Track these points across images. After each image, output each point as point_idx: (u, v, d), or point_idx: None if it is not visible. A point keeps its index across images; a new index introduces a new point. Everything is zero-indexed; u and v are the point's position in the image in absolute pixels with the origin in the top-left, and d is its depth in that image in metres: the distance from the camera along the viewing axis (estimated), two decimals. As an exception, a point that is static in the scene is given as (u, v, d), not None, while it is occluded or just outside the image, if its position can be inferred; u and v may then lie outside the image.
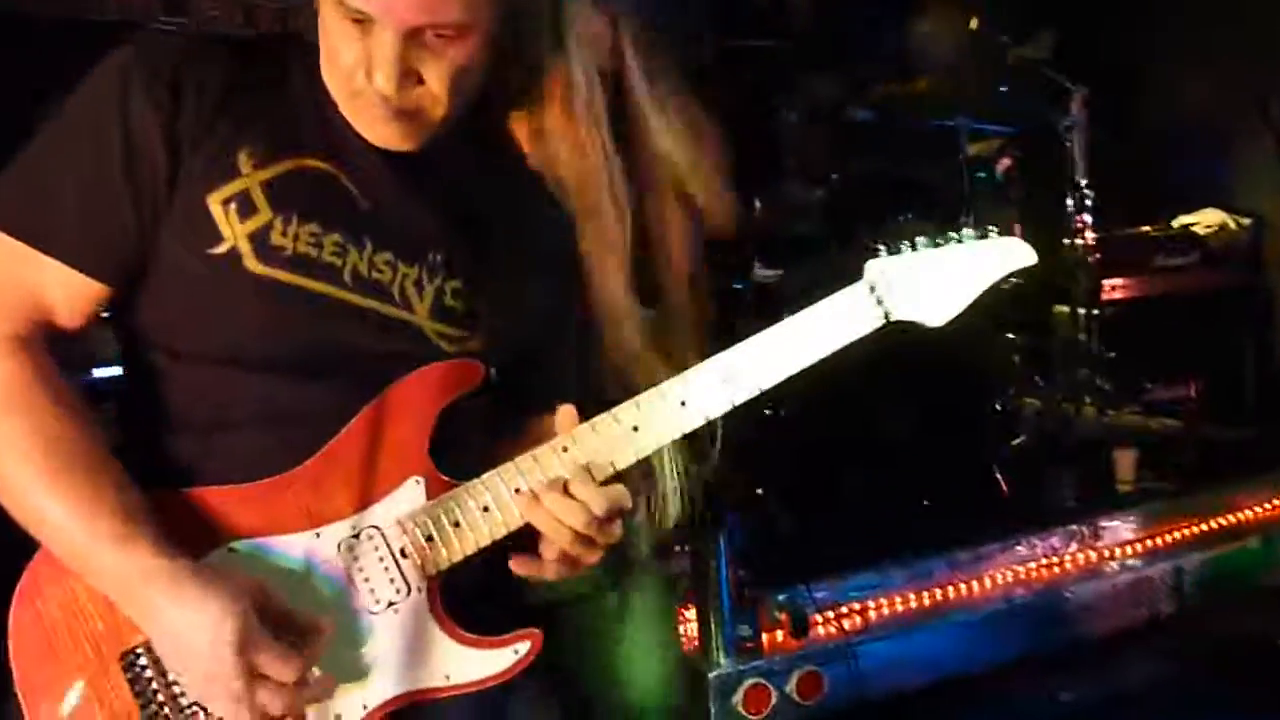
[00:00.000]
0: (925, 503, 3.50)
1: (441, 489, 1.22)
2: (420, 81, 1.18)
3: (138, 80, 1.18)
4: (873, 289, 1.23)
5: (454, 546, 1.21)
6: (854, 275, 1.26)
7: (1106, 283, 4.45)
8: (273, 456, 1.20)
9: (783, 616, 2.85)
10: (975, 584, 3.17)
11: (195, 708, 1.16)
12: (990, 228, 1.29)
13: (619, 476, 1.23)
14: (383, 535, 1.21)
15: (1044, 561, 3.28)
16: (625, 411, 1.22)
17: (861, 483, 3.55)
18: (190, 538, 1.16)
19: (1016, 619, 3.09)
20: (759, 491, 3.41)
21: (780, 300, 4.07)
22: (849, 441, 3.63)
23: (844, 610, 2.97)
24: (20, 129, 1.22)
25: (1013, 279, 1.28)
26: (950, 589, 3.13)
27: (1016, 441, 4.06)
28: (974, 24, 4.17)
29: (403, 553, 1.21)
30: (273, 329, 1.20)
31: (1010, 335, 4.38)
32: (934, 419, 3.73)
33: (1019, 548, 3.29)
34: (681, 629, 2.81)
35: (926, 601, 3.10)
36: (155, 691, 1.16)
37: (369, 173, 1.25)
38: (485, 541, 1.22)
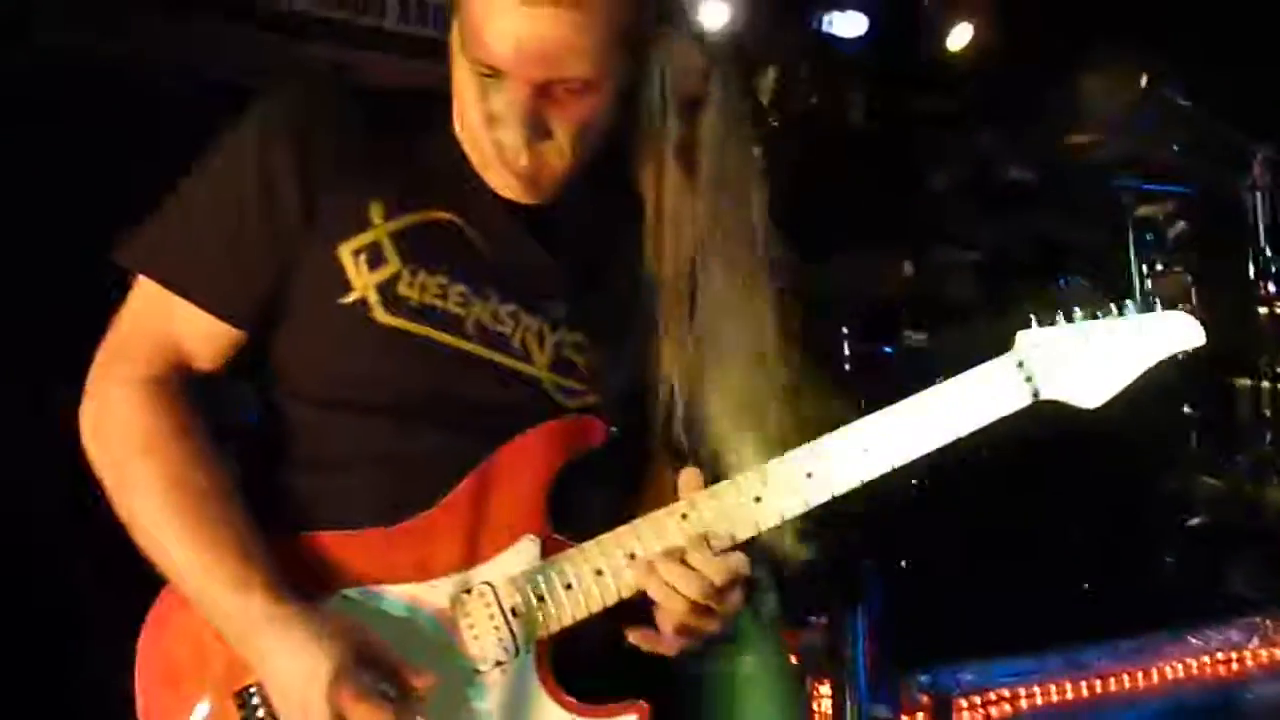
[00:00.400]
0: (1086, 586, 3.26)
1: (556, 549, 1.21)
2: (548, 135, 1.19)
3: (274, 130, 1.23)
4: (1021, 364, 1.18)
5: (565, 609, 1.19)
6: (1007, 343, 1.20)
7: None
8: (391, 504, 1.21)
9: (924, 699, 2.69)
10: (1140, 677, 2.91)
11: None
12: (1157, 300, 1.22)
13: (740, 545, 1.19)
14: (495, 592, 1.20)
15: (1220, 656, 2.98)
16: (749, 480, 1.19)
17: (1018, 563, 3.35)
18: (306, 580, 1.19)
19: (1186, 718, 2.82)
20: (904, 564, 3.27)
21: (930, 367, 3.93)
22: (1008, 518, 3.44)
23: (992, 697, 2.77)
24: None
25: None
26: (1112, 681, 2.89)
27: (1194, 522, 3.77)
28: (1144, 80, 3.96)
29: (514, 612, 1.19)
30: (397, 378, 1.23)
31: (1187, 409, 4.10)
32: (1101, 497, 3.50)
33: (1191, 639, 3.01)
34: (815, 705, 2.71)
35: (1085, 693, 2.86)
36: None
37: (495, 225, 1.27)
38: (597, 606, 1.19)
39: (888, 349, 4.08)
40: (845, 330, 3.89)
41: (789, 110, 4.19)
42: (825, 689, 2.64)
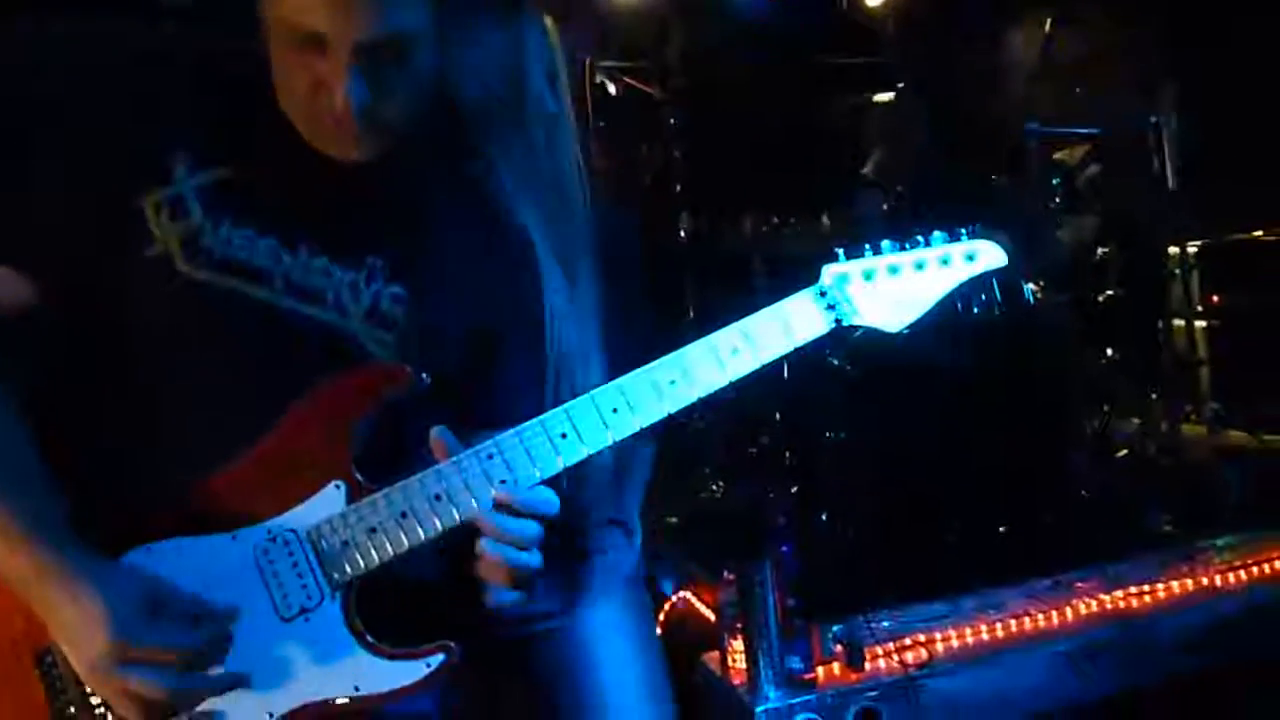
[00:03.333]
0: (1001, 529, 3.29)
1: (363, 494, 1.21)
2: (378, 94, 1.17)
3: (83, 81, 1.20)
4: (823, 293, 1.23)
5: (371, 553, 1.19)
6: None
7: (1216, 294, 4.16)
8: (201, 457, 1.20)
9: (838, 648, 2.70)
10: (1055, 615, 2.94)
11: (103, 707, 1.16)
12: (962, 230, 1.27)
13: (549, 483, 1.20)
14: (299, 539, 1.20)
15: (1132, 590, 3.01)
16: (554, 419, 1.20)
17: (934, 508, 3.37)
18: (111, 535, 1.17)
19: (1100, 654, 2.85)
20: (822, 517, 3.28)
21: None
22: (921, 464, 3.45)
23: (907, 642, 2.79)
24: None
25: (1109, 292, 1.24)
26: (1026, 620, 2.91)
27: (1120, 454, 3.81)
28: (1047, 26, 3.96)
29: (318, 559, 1.20)
30: (201, 330, 1.22)
31: (1108, 350, 4.14)
32: (1018, 439, 3.52)
33: (1105, 576, 3.04)
34: (730, 660, 2.71)
35: (1000, 634, 2.88)
36: (64, 690, 1.17)
37: (312, 182, 1.25)
38: (403, 548, 1.20)
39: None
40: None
41: (693, 72, 4.16)
42: (739, 644, 2.65)
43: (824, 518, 3.35)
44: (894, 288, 1.23)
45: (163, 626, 1.12)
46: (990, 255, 1.24)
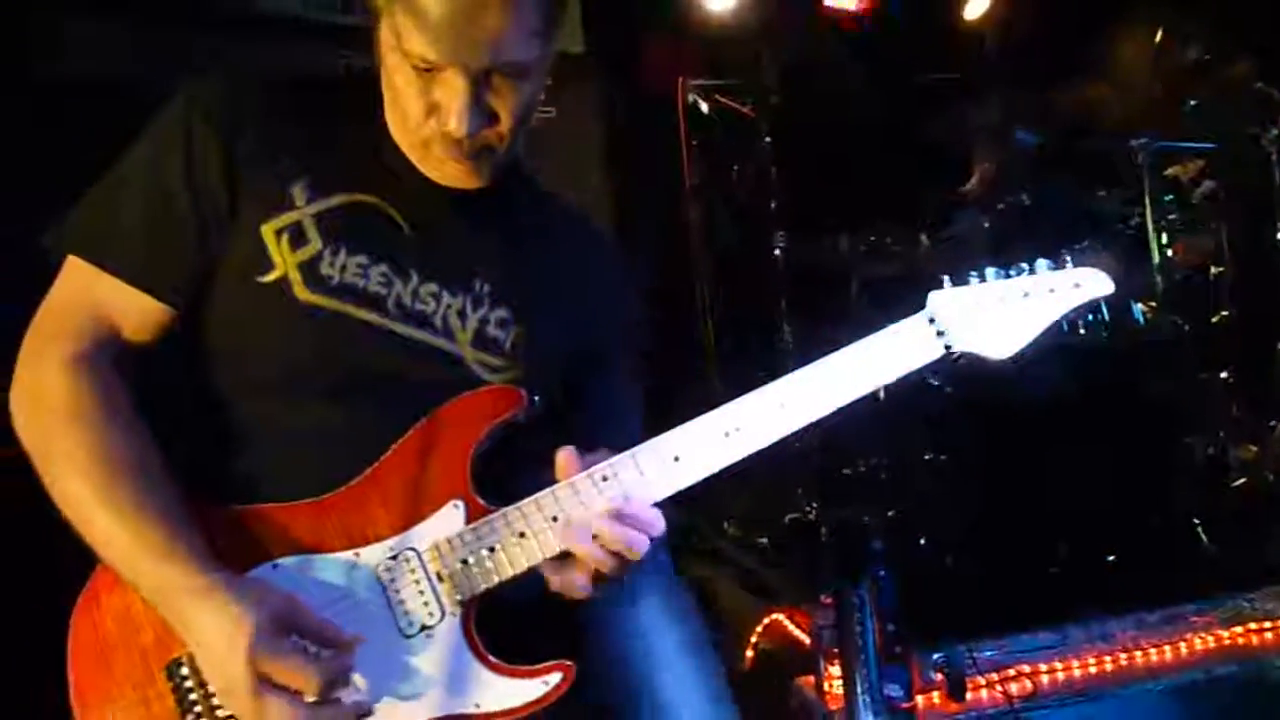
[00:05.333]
0: (1111, 558, 3.16)
1: (481, 514, 1.23)
2: (490, 122, 1.22)
3: (199, 113, 1.26)
4: (932, 320, 1.23)
5: (490, 572, 1.21)
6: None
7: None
8: (319, 476, 1.23)
9: (939, 676, 2.64)
10: (1168, 650, 2.82)
11: (233, 719, 1.18)
12: (1067, 256, 1.28)
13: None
14: (420, 558, 1.22)
15: (1252, 627, 2.87)
16: (668, 441, 1.21)
17: (1039, 534, 3.25)
18: (237, 552, 1.21)
19: (1216, 692, 2.71)
20: (920, 541, 3.20)
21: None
22: (1026, 488, 3.34)
23: (1011, 673, 2.70)
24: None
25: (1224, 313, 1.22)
26: (1138, 654, 2.80)
27: (1236, 484, 3.63)
28: (1159, 36, 3.84)
29: (439, 577, 1.22)
30: (318, 354, 1.25)
31: (1223, 375, 3.97)
32: (1127, 464, 3.38)
33: (1222, 610, 2.90)
34: (826, 686, 2.66)
35: (1109, 667, 2.78)
36: (194, 702, 1.20)
37: (421, 208, 1.30)
38: (522, 568, 1.21)
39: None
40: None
41: (788, 90, 4.14)
42: (835, 669, 2.59)
43: (922, 542, 3.26)
44: (1001, 316, 1.24)
45: (296, 643, 1.14)
46: (1097, 284, 1.25)
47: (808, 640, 2.86)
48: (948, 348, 1.23)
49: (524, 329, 1.32)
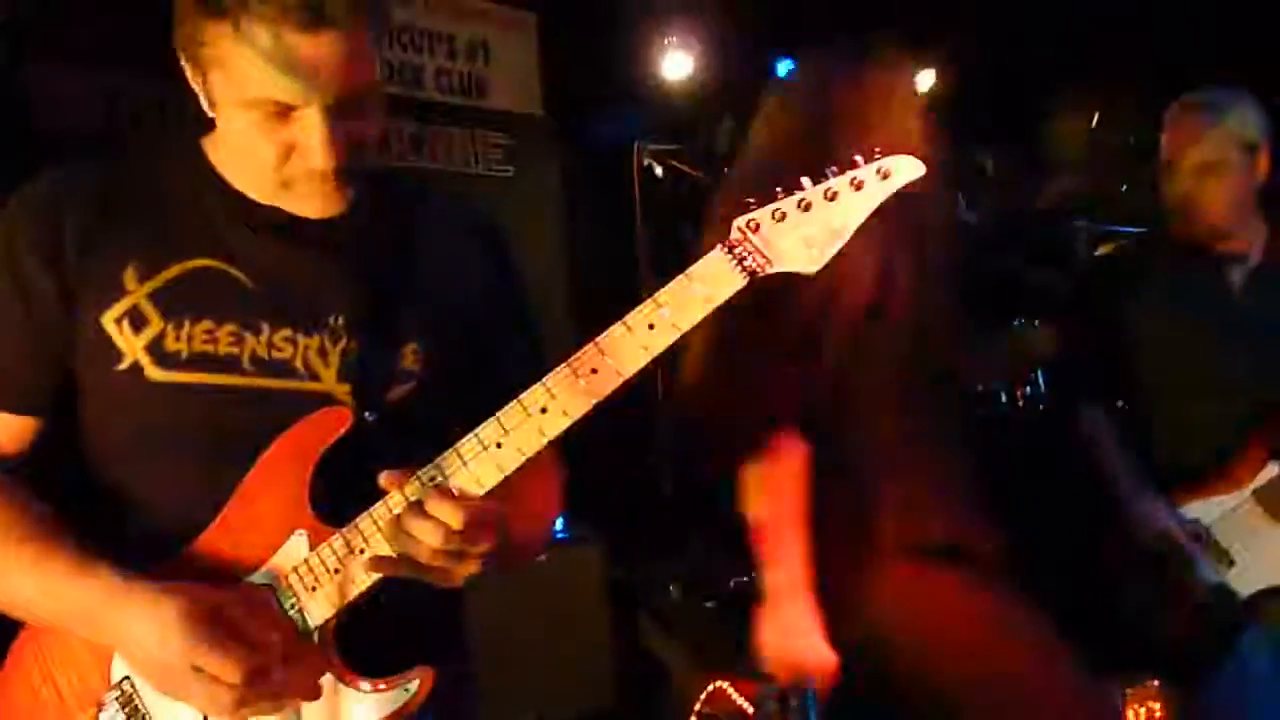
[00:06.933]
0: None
1: (324, 538, 1.24)
2: (345, 151, 1.23)
3: (19, 229, 1.28)
4: (732, 249, 1.17)
5: (337, 593, 1.22)
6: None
7: None
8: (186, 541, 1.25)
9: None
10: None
11: None
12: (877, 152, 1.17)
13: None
14: (274, 592, 1.23)
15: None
16: (487, 429, 1.21)
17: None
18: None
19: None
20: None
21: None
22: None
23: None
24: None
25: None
26: None
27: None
28: (1094, 120, 4.00)
29: (292, 606, 1.23)
30: (184, 427, 1.27)
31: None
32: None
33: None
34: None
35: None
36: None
37: (261, 255, 1.31)
38: (367, 584, 1.22)
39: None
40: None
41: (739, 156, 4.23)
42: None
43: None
44: (807, 224, 1.14)
45: (220, 634, 1.15)
46: (907, 168, 1.15)
47: (750, 709, 2.88)
48: (753, 273, 1.15)
49: (390, 354, 1.32)
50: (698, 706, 3.02)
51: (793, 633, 1.70)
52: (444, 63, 4.18)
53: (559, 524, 2.02)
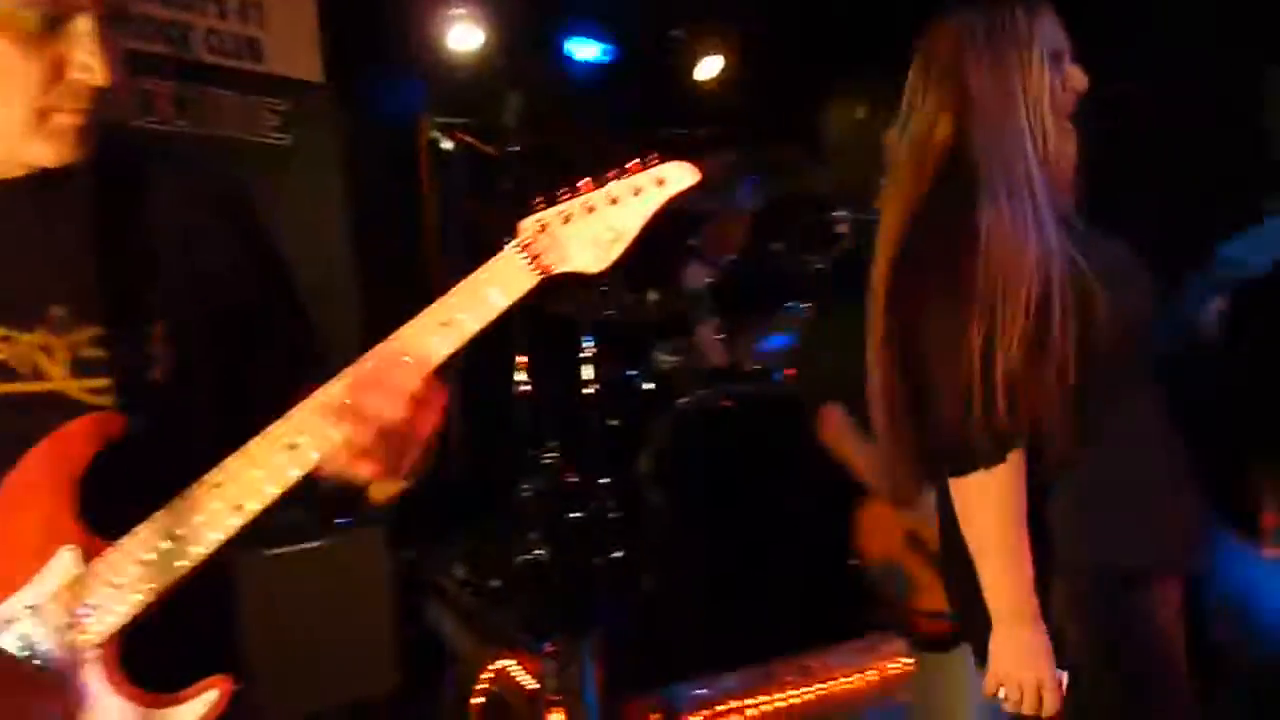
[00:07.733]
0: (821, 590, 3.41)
1: (98, 551, 1.15)
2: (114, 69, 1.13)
3: None
4: (524, 248, 1.17)
5: (118, 608, 1.15)
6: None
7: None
8: None
9: (654, 718, 2.76)
10: (866, 676, 3.08)
11: None
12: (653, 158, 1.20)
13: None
14: (40, 614, 1.14)
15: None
16: (280, 428, 1.15)
17: (754, 577, 3.47)
18: None
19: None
20: (643, 585, 3.33)
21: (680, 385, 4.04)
22: (747, 533, 3.56)
23: (719, 709, 2.87)
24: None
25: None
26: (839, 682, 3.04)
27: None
28: (860, 112, 4.22)
29: (69, 626, 1.14)
30: None
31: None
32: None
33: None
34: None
35: (812, 696, 3.00)
36: None
37: None
38: (152, 595, 1.15)
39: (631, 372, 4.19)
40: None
41: (530, 137, 4.22)
42: (559, 716, 2.66)
43: (645, 585, 3.40)
44: (591, 227, 1.17)
45: None
46: (681, 176, 1.18)
47: (534, 687, 2.91)
48: (543, 272, 1.17)
49: (131, 340, 1.20)
50: (483, 686, 3.03)
51: (1031, 656, 1.64)
52: (215, 22, 3.95)
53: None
